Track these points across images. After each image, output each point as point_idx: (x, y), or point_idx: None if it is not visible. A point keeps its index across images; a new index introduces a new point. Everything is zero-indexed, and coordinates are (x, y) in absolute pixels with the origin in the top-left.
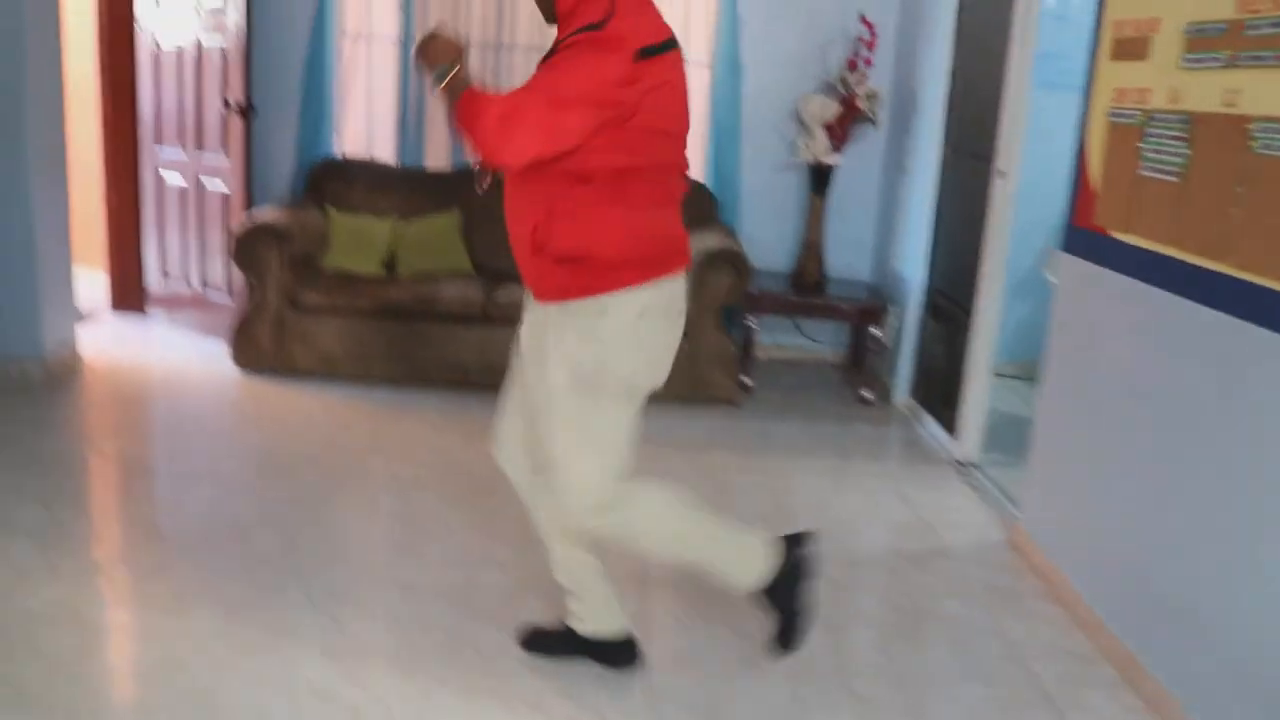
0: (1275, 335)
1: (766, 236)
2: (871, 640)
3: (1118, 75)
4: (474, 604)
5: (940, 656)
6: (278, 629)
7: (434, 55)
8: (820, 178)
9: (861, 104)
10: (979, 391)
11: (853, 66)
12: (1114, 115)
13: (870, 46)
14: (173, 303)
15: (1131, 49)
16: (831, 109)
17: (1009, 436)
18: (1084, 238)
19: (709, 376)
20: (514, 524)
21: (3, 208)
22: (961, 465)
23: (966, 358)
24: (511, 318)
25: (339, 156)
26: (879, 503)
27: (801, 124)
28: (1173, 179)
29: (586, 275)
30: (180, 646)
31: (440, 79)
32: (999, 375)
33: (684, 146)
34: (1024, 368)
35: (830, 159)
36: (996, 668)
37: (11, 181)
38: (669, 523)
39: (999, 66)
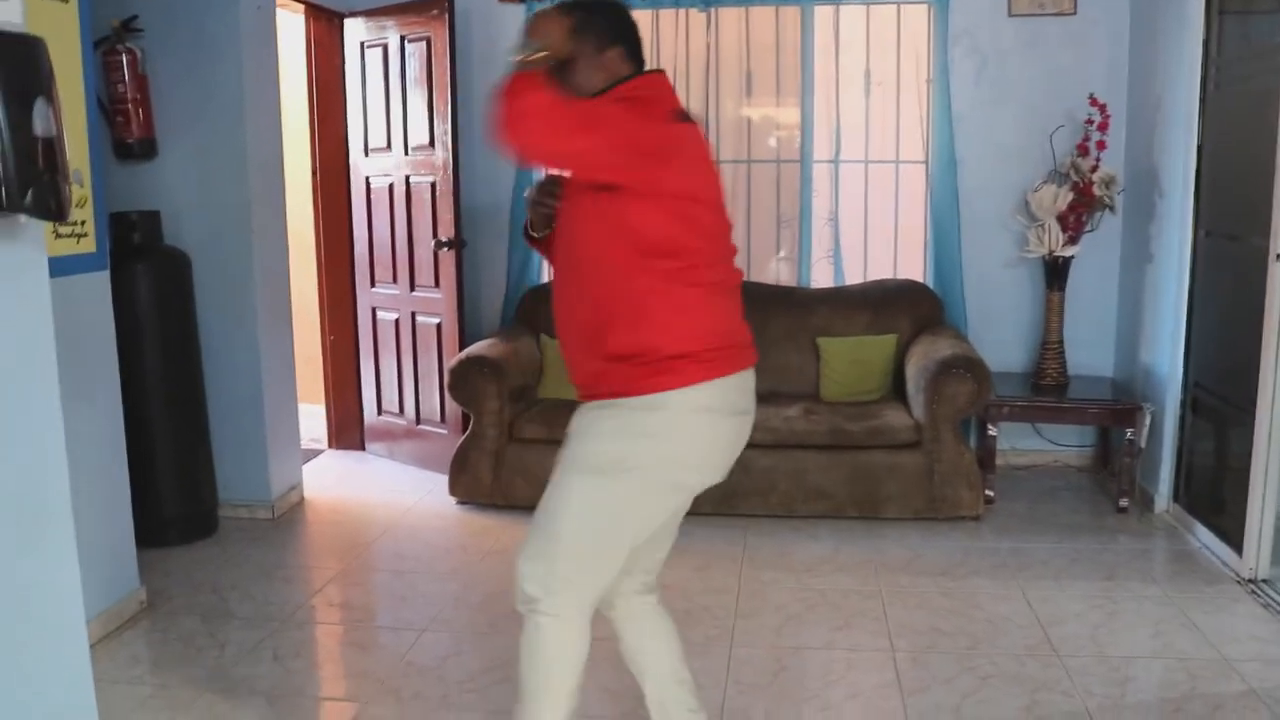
0: None
1: (997, 336)
2: None
3: None
4: None
5: None
6: None
7: (536, 29)
8: (1056, 271)
9: (1098, 190)
10: (1266, 495)
11: (1084, 151)
12: None
13: (1102, 128)
14: (391, 436)
15: None
16: (1065, 198)
17: None
18: None
19: (950, 493)
20: (754, 648)
21: (234, 352)
22: (1251, 583)
23: (1252, 456)
24: (763, 438)
25: (549, 283)
26: (1161, 632)
27: (1032, 216)
28: None
29: (646, 371)
30: None
31: (523, 51)
32: None
33: (726, 224)
34: None
35: (1067, 251)
36: None
37: (240, 326)
38: (555, 671)
39: (1261, 138)
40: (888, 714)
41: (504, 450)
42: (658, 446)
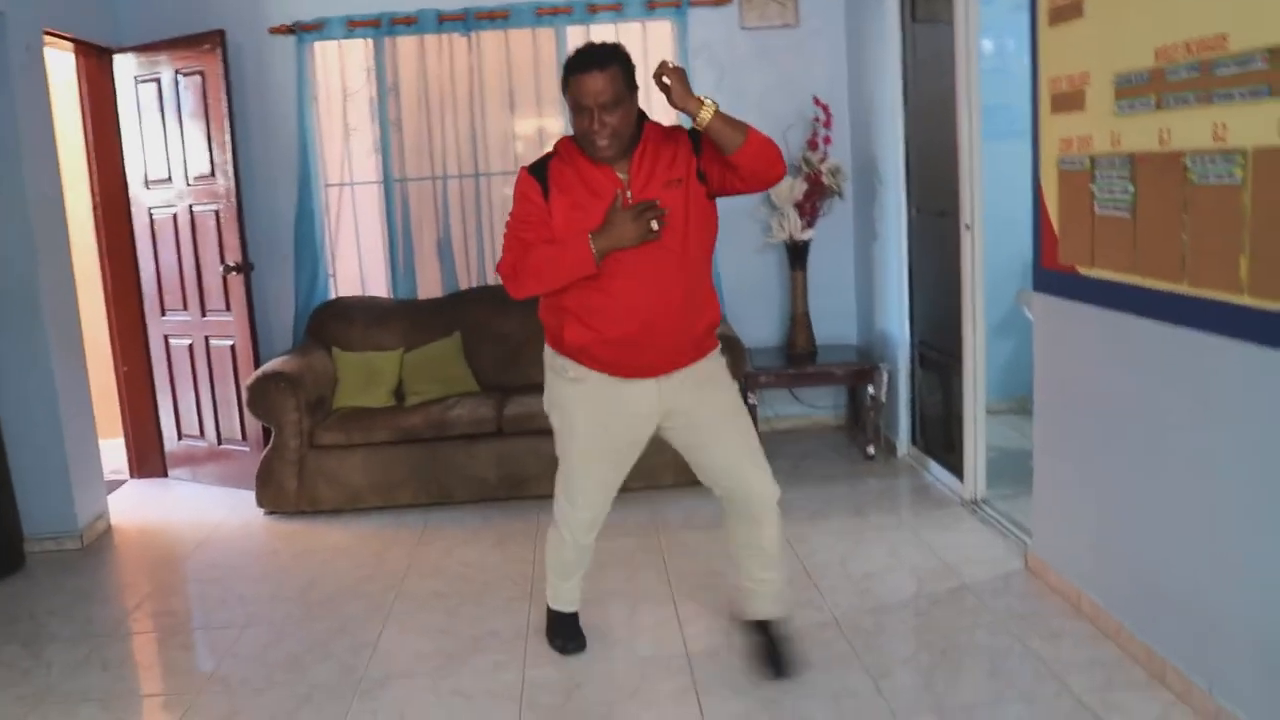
0: (1232, 341)
1: (752, 315)
2: (912, 679)
3: (1060, 126)
4: (537, 702)
5: (978, 684)
6: None
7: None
8: (797, 254)
9: (826, 179)
10: (977, 432)
11: (813, 146)
12: (1063, 163)
13: (827, 125)
14: (193, 460)
15: (1068, 102)
16: (799, 188)
17: (1011, 470)
18: (1053, 277)
19: None
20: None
21: (28, 388)
22: (971, 504)
23: (961, 401)
24: (521, 429)
25: (336, 299)
26: (899, 551)
27: (773, 206)
28: (1124, 214)
29: (713, 335)
30: None
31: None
32: (992, 413)
33: None
34: (1015, 403)
35: (804, 235)
36: (1033, 686)
37: (34, 363)
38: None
39: (950, 127)
40: (667, 641)
41: (306, 458)
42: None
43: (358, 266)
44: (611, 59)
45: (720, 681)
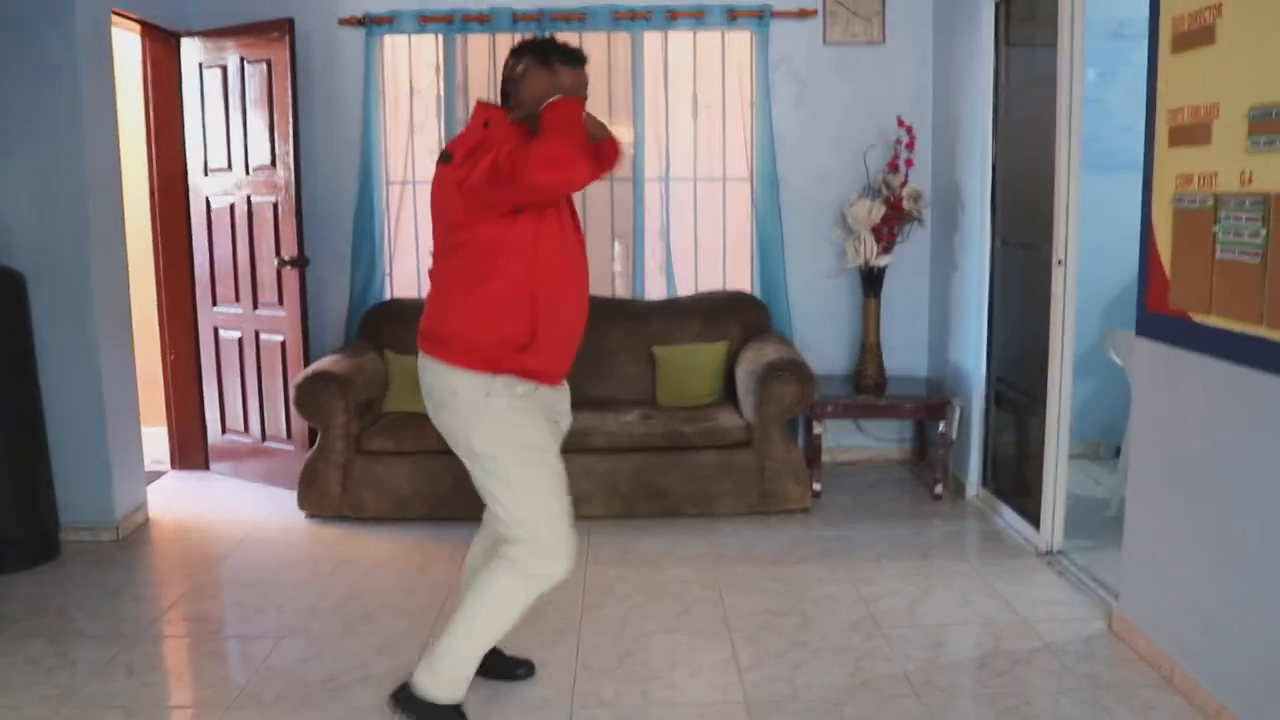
0: None
1: (820, 341)
2: None
3: (1179, 162)
4: None
5: None
6: None
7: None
8: (872, 280)
9: (906, 204)
10: (1057, 478)
11: (894, 168)
12: (1181, 201)
13: (909, 147)
14: (236, 455)
15: (1191, 135)
16: (878, 212)
17: (1088, 520)
18: (1161, 322)
19: (780, 488)
20: (601, 636)
21: (73, 372)
22: (1047, 554)
23: (1045, 444)
24: (577, 446)
25: (392, 300)
26: (970, 601)
27: (849, 229)
28: (1253, 260)
29: None
30: None
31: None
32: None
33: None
34: (1088, 446)
35: (880, 261)
36: None
37: (81, 346)
38: None
39: (1043, 157)
40: (726, 688)
41: (352, 463)
42: None
43: (415, 267)
44: None
45: None
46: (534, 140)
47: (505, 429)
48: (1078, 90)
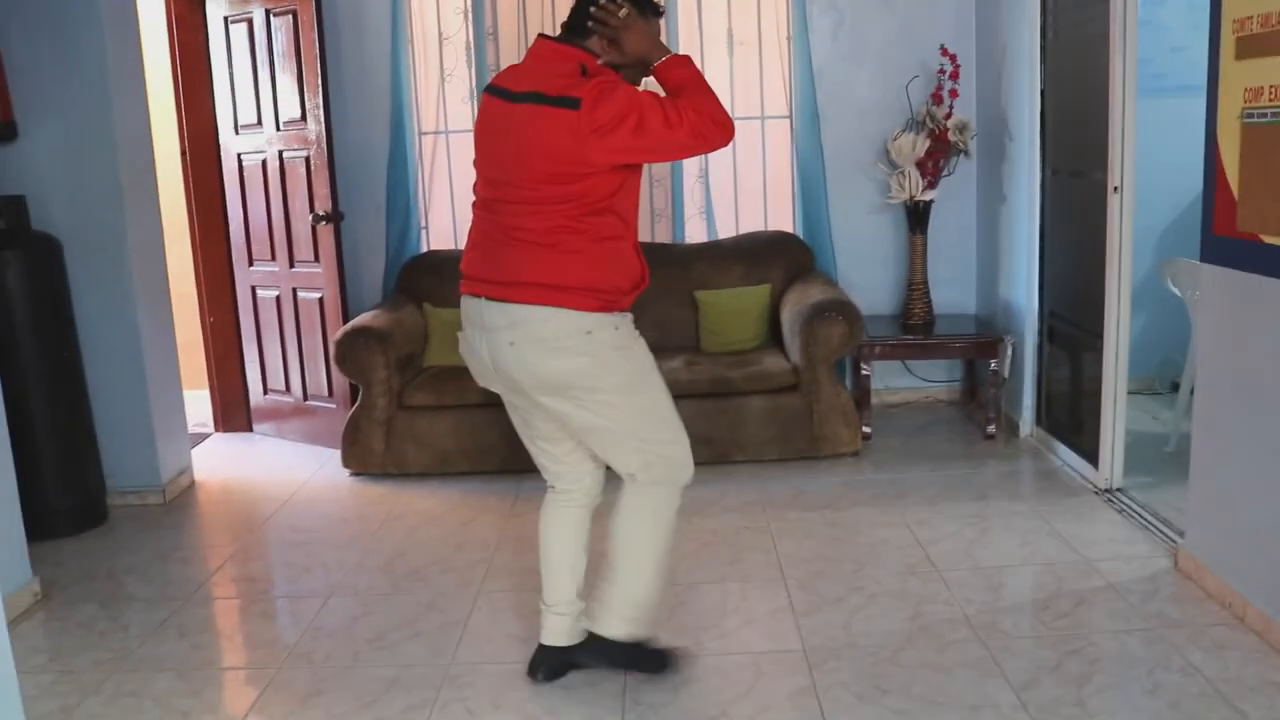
0: None
1: (865, 280)
2: (1060, 692)
3: (1247, 74)
4: (641, 699)
5: (1137, 703)
6: None
7: None
8: (918, 216)
9: (952, 136)
10: (1116, 414)
11: (938, 99)
12: (1250, 116)
13: (954, 77)
14: (278, 415)
15: (1261, 44)
16: (922, 145)
17: (1147, 456)
18: (1229, 245)
19: (829, 431)
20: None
21: (113, 338)
22: (1106, 493)
23: (1102, 379)
24: None
25: (429, 252)
26: (1029, 542)
27: (893, 164)
28: None
29: None
30: None
31: None
32: None
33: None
34: (1145, 382)
35: (926, 195)
36: (1199, 709)
37: (119, 311)
38: None
39: (1095, 81)
40: (782, 635)
41: (394, 419)
42: None
43: (451, 219)
44: None
45: (842, 685)
46: (691, 99)
47: (641, 354)
48: (1132, 6)
